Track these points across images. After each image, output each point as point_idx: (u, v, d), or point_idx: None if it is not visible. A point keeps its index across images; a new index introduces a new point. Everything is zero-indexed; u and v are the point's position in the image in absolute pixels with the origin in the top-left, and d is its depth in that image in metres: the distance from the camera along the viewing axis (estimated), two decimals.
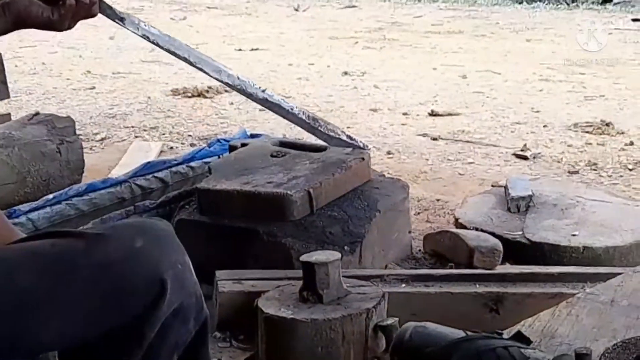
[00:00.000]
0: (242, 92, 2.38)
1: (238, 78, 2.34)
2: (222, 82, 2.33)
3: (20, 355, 1.21)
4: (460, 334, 1.52)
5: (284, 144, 2.68)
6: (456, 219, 2.75)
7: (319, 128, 2.47)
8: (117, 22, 1.92)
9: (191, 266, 1.32)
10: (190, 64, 2.20)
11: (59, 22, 1.58)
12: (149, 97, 5.07)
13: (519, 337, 1.52)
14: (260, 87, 2.42)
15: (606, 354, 1.44)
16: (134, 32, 2.01)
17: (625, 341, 1.49)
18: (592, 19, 7.70)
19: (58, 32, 1.68)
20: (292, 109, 2.43)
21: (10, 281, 1.20)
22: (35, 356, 1.25)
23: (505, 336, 1.53)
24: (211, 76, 2.30)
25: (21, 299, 1.20)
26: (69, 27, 1.64)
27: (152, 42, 2.04)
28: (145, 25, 2.05)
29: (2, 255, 1.25)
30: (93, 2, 1.64)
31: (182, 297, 1.28)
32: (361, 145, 2.58)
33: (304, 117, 2.46)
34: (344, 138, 2.56)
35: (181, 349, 1.31)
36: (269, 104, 2.37)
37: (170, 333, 1.28)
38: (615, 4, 8.95)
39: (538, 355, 1.46)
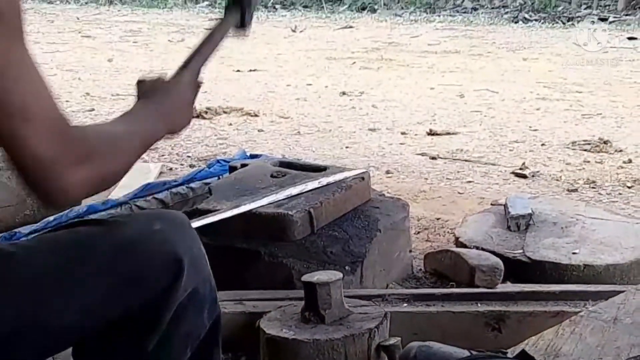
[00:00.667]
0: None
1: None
2: None
3: (45, 335, 1.22)
4: (464, 353, 1.51)
5: (283, 164, 2.68)
6: (456, 238, 2.75)
7: None
8: None
9: (206, 257, 1.35)
10: None
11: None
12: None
13: (524, 356, 1.52)
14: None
15: None
16: None
17: (630, 359, 1.48)
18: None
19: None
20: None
21: (29, 264, 1.22)
22: (60, 337, 1.26)
23: (509, 355, 1.53)
24: None
25: (41, 280, 1.22)
26: None
27: None
28: None
29: (24, 244, 1.31)
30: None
31: (197, 281, 1.31)
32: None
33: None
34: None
35: (195, 343, 1.33)
36: None
37: (185, 319, 1.30)
38: (611, 22, 8.99)
39: None
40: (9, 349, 1.19)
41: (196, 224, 2.03)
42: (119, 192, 3.35)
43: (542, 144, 4.37)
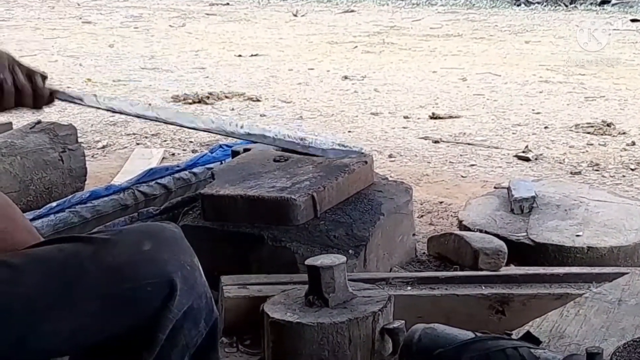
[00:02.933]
0: (223, 132, 2.34)
1: (213, 122, 2.30)
2: (199, 129, 2.29)
3: (33, 358, 1.22)
4: (469, 335, 1.51)
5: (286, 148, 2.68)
6: (460, 221, 2.75)
7: (310, 145, 2.45)
8: (76, 103, 1.85)
9: (200, 268, 1.32)
10: (163, 121, 2.16)
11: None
12: (150, 104, 5.06)
13: (528, 337, 1.52)
14: (238, 124, 2.39)
15: (617, 353, 1.44)
16: (97, 107, 1.97)
17: (635, 340, 1.48)
18: (591, 20, 7.71)
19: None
20: (277, 135, 2.40)
21: (16, 285, 1.21)
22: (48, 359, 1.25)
23: (514, 337, 1.53)
24: (187, 127, 2.26)
25: (29, 303, 1.20)
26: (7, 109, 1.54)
27: (118, 112, 2.01)
28: (104, 100, 1.99)
29: (9, 261, 1.25)
30: (38, 93, 1.55)
31: (191, 298, 1.28)
32: (356, 150, 2.56)
33: (292, 140, 2.43)
34: (338, 147, 2.54)
35: (192, 350, 1.31)
36: (252, 137, 2.35)
37: (181, 335, 1.28)
38: (613, 4, 8.96)
39: (548, 355, 1.46)
40: None
41: None
42: (122, 177, 3.36)
43: (545, 127, 4.37)
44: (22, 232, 1.43)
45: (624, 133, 4.19)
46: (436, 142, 4.14)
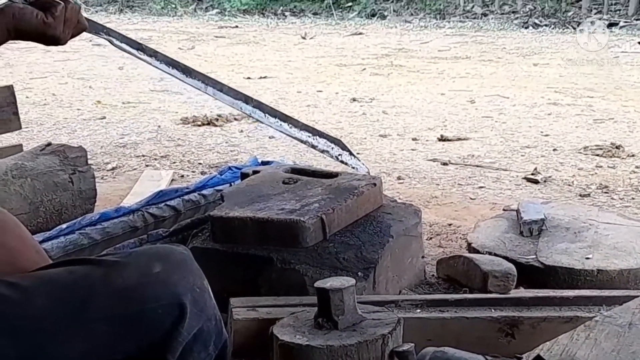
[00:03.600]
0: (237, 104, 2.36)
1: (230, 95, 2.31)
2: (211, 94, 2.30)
3: None
4: (479, 358, 1.51)
5: (295, 170, 2.68)
6: (469, 244, 2.75)
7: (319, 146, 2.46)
8: (101, 36, 1.89)
9: (210, 290, 1.32)
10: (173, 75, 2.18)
11: (54, 26, 1.56)
12: (159, 126, 5.09)
13: None
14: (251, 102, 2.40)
15: None
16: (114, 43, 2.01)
17: None
18: (599, 42, 7.73)
19: (55, 47, 1.67)
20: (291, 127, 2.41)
21: (26, 308, 1.21)
22: None
23: None
24: (183, 81, 2.28)
25: (39, 325, 1.20)
26: (64, 39, 1.62)
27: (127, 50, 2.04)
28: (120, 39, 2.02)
29: (20, 283, 1.25)
30: (77, 9, 1.64)
31: (201, 320, 1.29)
32: (363, 168, 2.57)
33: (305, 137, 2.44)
34: (347, 157, 2.55)
35: None
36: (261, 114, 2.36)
37: (191, 358, 1.29)
38: (621, 27, 8.97)
39: None
40: None
41: None
42: (131, 199, 3.37)
43: (554, 149, 4.36)
44: (31, 252, 1.44)
45: (632, 155, 4.18)
46: (445, 164, 4.14)
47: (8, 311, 1.20)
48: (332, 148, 2.49)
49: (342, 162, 2.52)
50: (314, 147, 2.44)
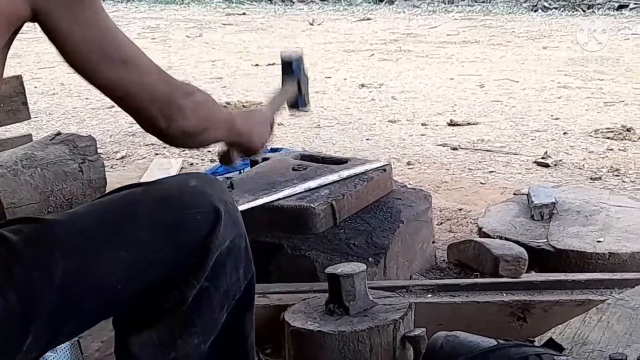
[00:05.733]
0: None
1: None
2: None
3: (97, 294, 1.26)
4: (491, 342, 1.51)
5: (304, 157, 2.68)
6: (479, 228, 2.74)
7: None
8: None
9: (240, 214, 1.41)
10: None
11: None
12: None
13: (551, 344, 1.51)
14: None
15: None
16: None
17: None
18: (609, 25, 7.68)
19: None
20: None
21: (76, 225, 1.28)
22: (107, 295, 1.29)
23: (537, 344, 1.52)
24: None
25: (87, 238, 1.27)
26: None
27: None
28: None
29: (68, 211, 1.37)
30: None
31: (234, 233, 1.37)
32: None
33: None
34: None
35: (231, 302, 1.38)
36: None
37: (223, 275, 1.36)
38: (631, 9, 8.91)
39: None
40: (63, 309, 1.22)
41: None
42: None
43: (564, 133, 4.34)
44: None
45: None
46: (454, 149, 4.13)
47: (58, 231, 1.26)
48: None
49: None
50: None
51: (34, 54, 6.89)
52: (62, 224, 1.28)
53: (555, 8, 9.28)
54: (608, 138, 4.19)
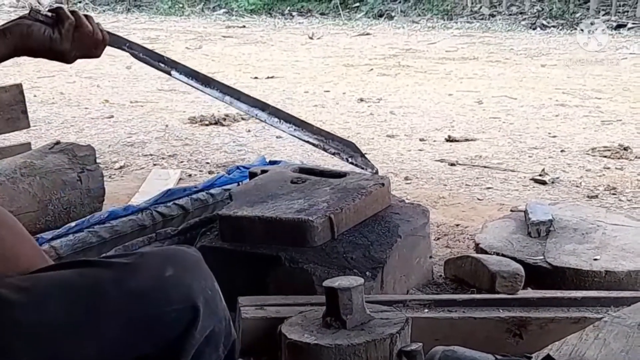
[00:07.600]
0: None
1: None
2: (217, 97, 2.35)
3: None
4: (489, 358, 1.51)
5: (303, 170, 2.69)
6: (476, 244, 2.75)
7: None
8: (124, 50, 1.97)
9: (220, 292, 1.33)
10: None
11: (61, 41, 1.59)
12: (167, 126, 5.10)
13: None
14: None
15: None
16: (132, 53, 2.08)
17: None
18: (607, 44, 7.72)
19: (67, 64, 1.67)
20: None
21: (39, 313, 1.21)
22: None
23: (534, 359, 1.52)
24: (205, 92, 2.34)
25: (53, 330, 1.21)
26: (75, 56, 1.64)
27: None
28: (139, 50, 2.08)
29: (30, 287, 1.25)
30: (95, 30, 1.66)
31: (213, 322, 1.30)
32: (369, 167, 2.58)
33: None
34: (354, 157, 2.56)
35: None
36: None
37: (203, 359, 1.29)
38: (629, 28, 8.95)
39: None
40: None
41: None
42: (139, 198, 3.38)
43: (562, 150, 4.36)
44: (27, 248, 1.43)
45: None
46: (452, 164, 4.14)
47: (21, 317, 1.19)
48: (343, 150, 2.51)
49: (352, 164, 2.53)
50: (325, 150, 2.46)
51: (33, 63, 6.91)
52: (26, 310, 1.20)
53: (554, 26, 9.32)
54: (605, 156, 4.21)
